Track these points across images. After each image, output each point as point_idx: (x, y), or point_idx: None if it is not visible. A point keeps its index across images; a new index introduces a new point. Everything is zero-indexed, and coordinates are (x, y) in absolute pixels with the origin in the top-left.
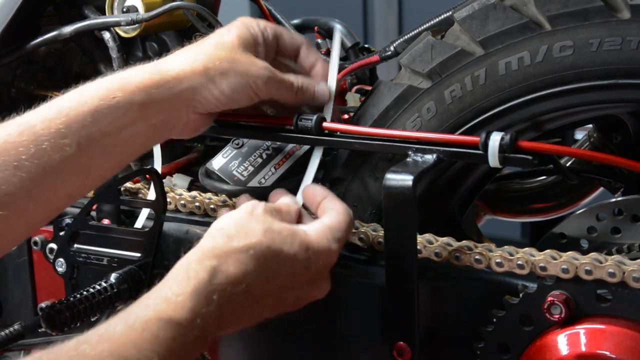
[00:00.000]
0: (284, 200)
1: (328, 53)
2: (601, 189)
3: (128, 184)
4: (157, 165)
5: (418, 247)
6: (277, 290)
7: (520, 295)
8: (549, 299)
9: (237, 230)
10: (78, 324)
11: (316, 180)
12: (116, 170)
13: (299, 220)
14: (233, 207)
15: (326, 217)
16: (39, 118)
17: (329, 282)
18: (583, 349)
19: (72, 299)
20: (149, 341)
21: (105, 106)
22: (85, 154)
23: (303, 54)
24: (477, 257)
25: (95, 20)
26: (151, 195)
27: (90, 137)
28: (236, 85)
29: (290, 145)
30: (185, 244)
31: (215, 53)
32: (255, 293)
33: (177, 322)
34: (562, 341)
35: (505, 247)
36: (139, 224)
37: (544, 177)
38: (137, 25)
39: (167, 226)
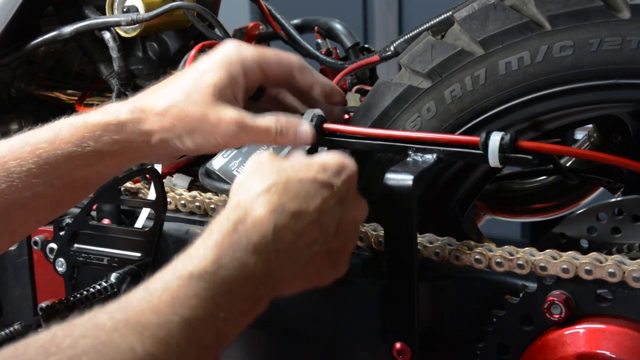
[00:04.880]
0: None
1: (328, 53)
2: (601, 189)
3: (128, 184)
4: (157, 165)
5: (418, 247)
6: (314, 217)
7: (520, 295)
8: (549, 298)
9: (253, 179)
10: None
11: None
12: (85, 198)
13: None
14: None
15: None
16: (12, 154)
17: (362, 201)
18: (583, 348)
19: (72, 299)
20: (169, 303)
21: (78, 155)
22: (57, 192)
23: (297, 77)
24: (477, 257)
25: (95, 20)
26: (151, 195)
27: (62, 179)
28: (201, 142)
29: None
30: (185, 243)
31: (186, 108)
32: (291, 227)
33: (198, 276)
34: (562, 341)
35: (505, 247)
36: (139, 223)
37: (544, 177)
38: (137, 25)
39: (167, 226)
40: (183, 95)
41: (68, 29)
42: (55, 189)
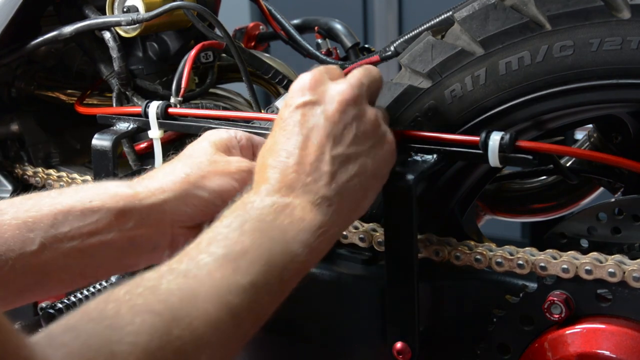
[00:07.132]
0: None
1: (328, 53)
2: (601, 189)
3: None
4: (158, 164)
5: (418, 247)
6: (330, 131)
7: (521, 295)
8: (549, 298)
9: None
10: None
11: None
12: (78, 282)
13: None
14: None
15: None
16: (13, 207)
17: (371, 110)
18: (583, 348)
19: (72, 298)
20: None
21: (80, 207)
22: (48, 254)
23: None
24: (477, 257)
25: (95, 20)
26: None
27: (55, 237)
28: (221, 183)
29: None
30: None
31: (191, 161)
32: (286, 149)
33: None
34: (562, 341)
35: (506, 246)
36: None
37: (544, 177)
38: (137, 25)
39: None
40: (185, 157)
41: (68, 29)
42: (46, 249)
